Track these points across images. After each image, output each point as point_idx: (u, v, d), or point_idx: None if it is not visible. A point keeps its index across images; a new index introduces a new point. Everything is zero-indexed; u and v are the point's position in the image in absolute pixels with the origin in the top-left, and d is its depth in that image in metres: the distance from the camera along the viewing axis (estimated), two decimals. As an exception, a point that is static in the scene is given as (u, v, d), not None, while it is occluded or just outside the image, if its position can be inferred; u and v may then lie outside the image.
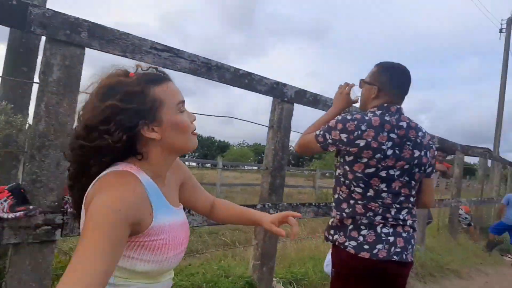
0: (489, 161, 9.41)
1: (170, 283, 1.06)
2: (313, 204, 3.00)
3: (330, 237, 1.76)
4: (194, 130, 1.02)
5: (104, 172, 0.92)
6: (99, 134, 0.89)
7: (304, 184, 15.02)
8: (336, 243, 1.70)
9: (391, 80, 1.76)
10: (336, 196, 1.78)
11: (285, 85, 2.56)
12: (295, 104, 2.66)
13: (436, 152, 1.83)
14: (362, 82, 1.85)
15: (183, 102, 1.00)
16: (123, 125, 0.90)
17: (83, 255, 0.76)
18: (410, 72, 1.79)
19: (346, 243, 1.66)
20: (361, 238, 1.64)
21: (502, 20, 16.23)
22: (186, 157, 25.54)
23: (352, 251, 1.63)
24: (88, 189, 0.91)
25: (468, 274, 5.19)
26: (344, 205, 1.72)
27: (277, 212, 2.54)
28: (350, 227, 1.68)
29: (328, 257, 3.53)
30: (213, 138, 54.91)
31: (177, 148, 1.00)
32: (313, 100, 2.81)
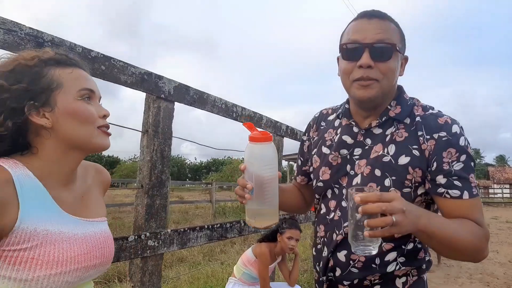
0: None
1: None
2: (206, 226, 2.42)
3: None
4: (104, 126, 0.90)
5: None
6: None
7: (200, 199, 14.35)
8: None
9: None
10: (411, 245, 1.13)
11: (160, 77, 1.96)
12: (176, 104, 2.07)
13: None
14: (396, 48, 1.07)
15: (90, 90, 0.89)
16: (8, 107, 0.79)
17: None
18: (299, 88, 1.24)
19: None
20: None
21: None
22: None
23: None
24: None
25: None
26: (422, 253, 1.14)
27: (158, 243, 1.93)
28: (426, 277, 1.20)
29: (228, 286, 3.04)
30: (100, 153, 51.17)
31: (76, 142, 0.86)
32: (199, 99, 2.26)
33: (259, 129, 1.05)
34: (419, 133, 1.08)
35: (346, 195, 1.06)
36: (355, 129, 1.18)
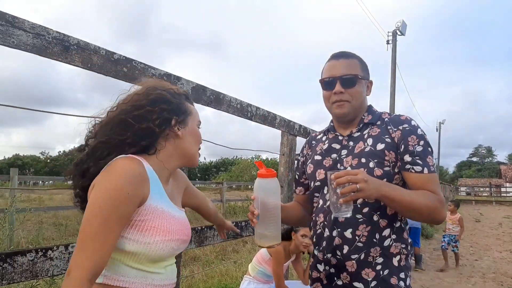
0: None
1: (169, 281, 1.13)
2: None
3: (402, 284, 1.37)
4: (199, 148, 1.25)
5: (114, 159, 1.04)
6: (144, 113, 1.10)
7: (211, 198, 14.41)
8: None
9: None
10: (399, 223, 1.44)
11: (179, 78, 2.00)
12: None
13: None
14: (358, 77, 1.48)
15: (200, 122, 1.26)
16: (163, 115, 1.11)
17: (92, 238, 0.94)
18: (304, 87, 1.49)
19: (410, 286, 1.42)
20: None
21: (388, 32, 17.65)
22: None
23: None
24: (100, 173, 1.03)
25: None
26: (406, 234, 1.46)
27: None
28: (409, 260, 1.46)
29: (243, 286, 3.07)
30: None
31: (188, 155, 1.20)
32: (215, 99, 2.30)
33: (266, 167, 1.32)
34: (388, 127, 1.45)
35: (328, 178, 1.30)
36: (340, 138, 1.54)
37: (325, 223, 1.46)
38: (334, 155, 1.51)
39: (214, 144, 2.78)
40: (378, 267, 1.36)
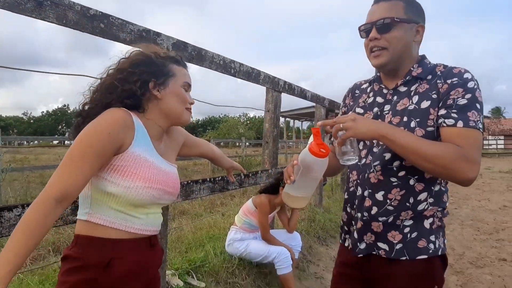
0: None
1: (149, 227, 1.21)
2: (208, 179, 2.54)
3: (431, 246, 1.29)
4: (189, 106, 1.30)
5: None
6: (126, 75, 1.18)
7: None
8: (439, 253, 1.31)
9: (424, 16, 1.37)
10: (438, 187, 1.31)
11: (158, 34, 1.98)
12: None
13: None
14: (395, 21, 1.29)
15: (189, 85, 1.31)
16: (142, 76, 1.19)
17: (66, 164, 1.04)
18: (289, 43, 1.41)
19: (445, 242, 1.36)
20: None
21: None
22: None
23: (445, 251, 1.35)
24: None
25: (363, 230, 5.36)
26: (445, 197, 1.34)
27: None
28: (445, 221, 1.37)
29: (230, 236, 3.19)
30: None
31: (172, 114, 1.25)
32: (197, 55, 2.29)
33: (324, 141, 1.23)
34: (438, 81, 1.27)
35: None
36: (385, 91, 1.39)
37: (358, 181, 1.38)
38: (375, 109, 1.38)
39: (201, 103, 2.79)
40: (406, 230, 1.29)
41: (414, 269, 1.28)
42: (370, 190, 1.33)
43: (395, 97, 1.34)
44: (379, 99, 1.39)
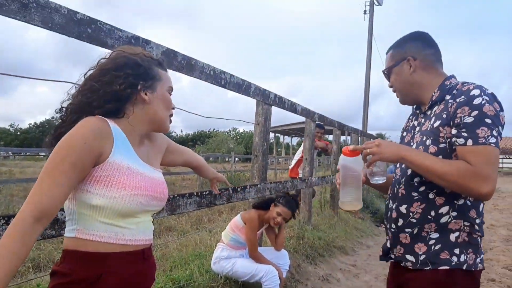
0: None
1: (142, 237, 1.17)
2: (195, 194, 2.45)
3: (454, 259, 1.33)
4: (172, 112, 1.28)
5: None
6: (110, 78, 1.13)
7: (186, 170, 14.37)
8: (464, 267, 1.33)
9: (420, 44, 1.51)
10: (462, 201, 1.36)
11: (148, 41, 1.93)
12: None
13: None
14: (386, 71, 1.57)
15: (172, 89, 1.28)
16: (128, 79, 1.13)
17: (43, 179, 1.00)
18: (281, 59, 1.49)
19: (477, 261, 1.36)
20: (482, 250, 1.41)
21: (365, 1, 17.52)
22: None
23: (481, 266, 1.37)
24: None
25: (352, 249, 5.29)
26: (473, 213, 1.36)
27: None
28: (479, 240, 1.38)
29: (216, 254, 3.08)
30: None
31: (157, 120, 1.22)
32: (187, 65, 2.23)
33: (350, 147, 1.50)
34: (450, 101, 1.34)
35: None
36: (420, 115, 1.54)
37: (390, 195, 1.54)
38: (412, 132, 1.55)
39: (190, 116, 2.73)
40: (431, 242, 1.36)
41: (434, 277, 1.34)
42: (396, 203, 1.47)
43: (423, 120, 1.49)
44: (415, 123, 1.55)
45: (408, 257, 1.41)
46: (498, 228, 7.40)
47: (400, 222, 1.44)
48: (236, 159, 20.21)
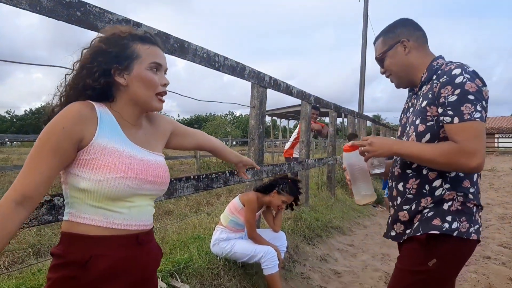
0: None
1: (134, 222, 1.15)
2: (192, 177, 2.46)
3: (446, 226, 1.39)
4: (161, 92, 1.19)
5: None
6: (86, 72, 1.12)
7: (184, 154, 14.39)
8: (455, 234, 1.38)
9: (410, 27, 1.57)
10: (454, 173, 1.43)
11: (139, 24, 1.89)
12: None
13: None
14: (380, 57, 1.60)
15: (159, 64, 1.18)
16: (101, 67, 1.10)
17: (25, 165, 1.02)
18: (278, 42, 1.50)
19: (471, 230, 1.40)
20: (479, 221, 1.45)
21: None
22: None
23: (475, 236, 1.41)
24: None
25: (350, 229, 5.35)
26: (467, 183, 1.43)
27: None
28: (474, 209, 1.43)
29: (215, 236, 3.11)
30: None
31: (141, 101, 1.17)
32: (180, 48, 2.21)
33: (353, 143, 1.61)
34: (435, 81, 1.41)
35: None
36: (413, 97, 1.60)
37: (390, 175, 1.63)
38: (407, 114, 1.62)
39: (185, 100, 2.72)
40: (425, 211, 1.44)
41: (423, 241, 1.41)
42: (395, 182, 1.56)
43: (415, 101, 1.55)
44: (410, 104, 1.62)
45: (407, 231, 1.49)
46: (493, 207, 7.48)
47: (399, 200, 1.52)
48: (234, 142, 20.20)
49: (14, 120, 76.74)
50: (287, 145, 6.54)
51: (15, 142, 32.19)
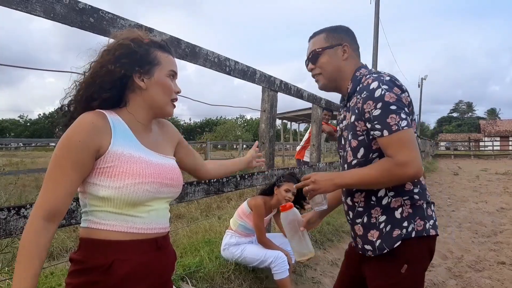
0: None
1: (154, 225, 1.17)
2: (203, 181, 2.47)
3: (404, 231, 1.41)
4: (175, 99, 1.24)
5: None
6: (106, 70, 1.13)
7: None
8: (413, 235, 1.41)
9: (352, 36, 1.57)
10: None
11: (151, 30, 1.92)
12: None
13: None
14: (318, 52, 1.54)
15: (175, 73, 1.24)
16: (124, 67, 1.13)
17: (46, 181, 1.05)
18: (285, 44, 1.50)
19: (427, 226, 1.43)
20: (433, 216, 1.48)
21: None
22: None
23: (433, 232, 1.44)
24: None
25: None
26: (409, 186, 1.44)
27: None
28: (425, 206, 1.45)
29: (225, 240, 3.11)
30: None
31: (156, 105, 1.20)
32: (191, 52, 2.22)
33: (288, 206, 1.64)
34: (357, 96, 1.43)
35: None
36: (343, 108, 1.59)
37: (342, 190, 1.62)
38: (341, 125, 1.61)
39: (196, 104, 2.73)
40: (382, 225, 1.43)
41: (391, 257, 1.41)
42: (344, 197, 1.57)
43: (346, 113, 1.55)
44: (342, 116, 1.60)
45: (366, 247, 1.48)
46: (508, 211, 7.35)
47: (351, 214, 1.53)
48: (244, 146, 20.25)
49: (28, 124, 77.92)
50: (298, 148, 6.69)
51: (28, 146, 32.70)
